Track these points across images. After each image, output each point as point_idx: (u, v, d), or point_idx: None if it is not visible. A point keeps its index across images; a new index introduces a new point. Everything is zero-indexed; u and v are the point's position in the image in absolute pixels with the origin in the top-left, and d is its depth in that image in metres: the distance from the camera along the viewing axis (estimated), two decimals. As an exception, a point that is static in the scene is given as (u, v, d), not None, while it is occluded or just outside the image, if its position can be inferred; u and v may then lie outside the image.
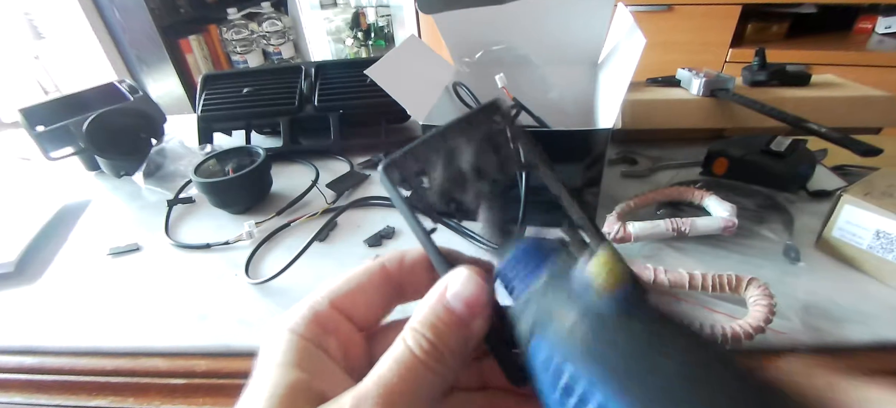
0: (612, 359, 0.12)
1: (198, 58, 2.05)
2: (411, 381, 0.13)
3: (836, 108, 0.56)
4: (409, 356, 0.14)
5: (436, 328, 0.14)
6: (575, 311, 0.13)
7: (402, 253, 0.17)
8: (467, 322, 0.14)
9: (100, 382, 0.37)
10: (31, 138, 0.63)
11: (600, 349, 0.12)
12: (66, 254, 0.51)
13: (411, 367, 0.14)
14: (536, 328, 0.14)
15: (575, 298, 0.13)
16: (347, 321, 0.16)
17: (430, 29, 1.67)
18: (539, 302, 0.14)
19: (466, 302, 0.15)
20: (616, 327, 0.12)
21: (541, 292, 0.14)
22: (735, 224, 0.40)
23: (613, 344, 0.12)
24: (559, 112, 0.55)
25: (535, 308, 0.14)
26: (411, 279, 0.17)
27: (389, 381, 0.13)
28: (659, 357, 0.11)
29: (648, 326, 0.12)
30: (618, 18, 0.52)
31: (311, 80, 0.70)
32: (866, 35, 1.48)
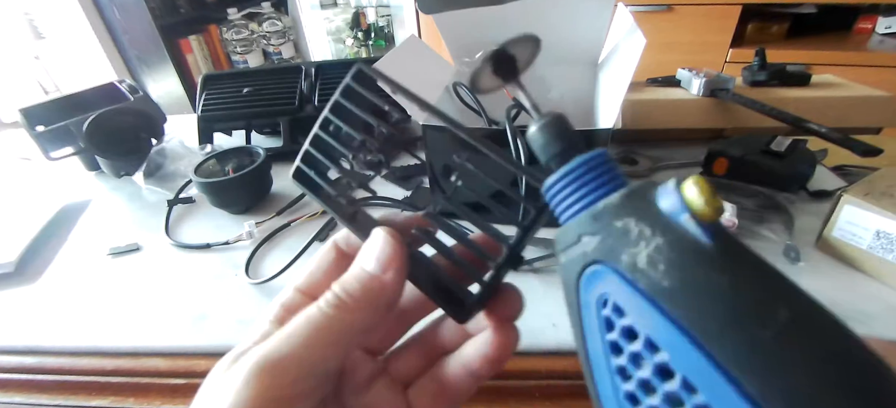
0: (705, 304, 0.10)
1: (198, 58, 2.05)
2: (311, 329, 0.15)
3: (836, 108, 0.56)
4: (314, 310, 0.16)
5: (347, 286, 0.16)
6: (659, 238, 0.10)
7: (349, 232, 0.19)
8: (379, 277, 0.16)
9: (100, 382, 0.37)
10: (32, 138, 0.63)
11: (689, 290, 0.10)
12: (66, 254, 0.51)
13: (312, 318, 0.15)
14: (597, 255, 0.11)
15: (660, 224, 0.11)
16: (311, 300, 0.18)
17: (430, 29, 1.67)
18: (606, 224, 0.11)
19: (378, 259, 0.16)
20: (715, 267, 0.10)
21: (610, 213, 0.12)
22: (735, 224, 0.40)
23: (709, 287, 0.10)
24: (559, 112, 0.55)
25: (600, 232, 0.12)
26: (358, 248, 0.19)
27: (287, 330, 0.15)
28: (771, 313, 0.09)
29: (756, 274, 0.10)
30: (618, 18, 0.52)
31: (311, 80, 0.70)
32: (866, 35, 1.48)
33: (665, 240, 0.10)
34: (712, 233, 0.10)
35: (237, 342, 0.40)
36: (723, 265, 0.10)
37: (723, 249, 0.10)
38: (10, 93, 1.73)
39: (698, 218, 0.10)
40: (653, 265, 0.10)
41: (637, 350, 0.10)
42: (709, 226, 0.10)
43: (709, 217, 0.10)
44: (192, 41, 2.01)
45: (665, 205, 0.11)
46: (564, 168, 0.13)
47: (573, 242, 0.12)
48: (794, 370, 0.09)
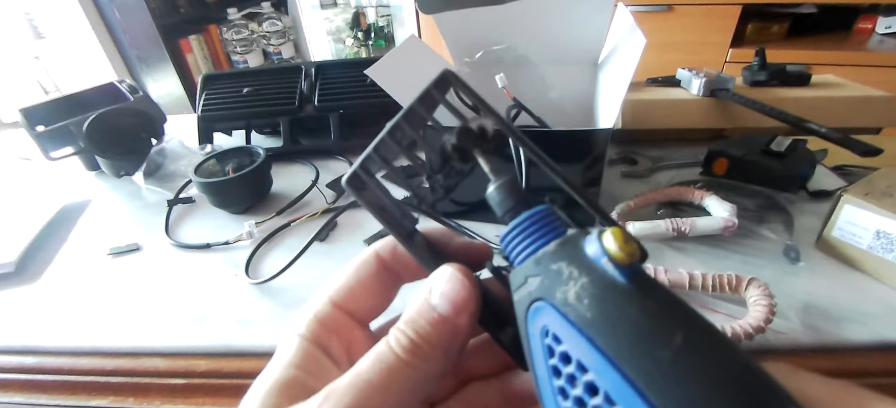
0: (618, 331, 0.12)
1: (198, 58, 2.05)
2: (387, 376, 0.14)
3: (836, 108, 0.56)
4: (387, 353, 0.14)
5: (418, 326, 0.15)
6: (584, 278, 0.13)
7: (395, 242, 0.18)
8: (452, 320, 0.15)
9: (100, 382, 0.37)
10: (32, 138, 0.63)
11: (607, 320, 0.12)
12: (66, 254, 0.51)
13: (389, 363, 0.14)
14: (538, 294, 0.14)
15: (585, 266, 0.13)
16: (349, 318, 0.17)
17: (430, 29, 1.67)
18: (545, 268, 0.14)
19: (451, 302, 0.15)
20: (626, 300, 0.12)
21: (548, 258, 0.14)
22: (735, 224, 0.40)
23: (621, 317, 0.12)
24: (559, 112, 0.55)
25: (540, 274, 0.14)
26: (406, 263, 0.18)
27: (365, 376, 0.14)
28: (669, 337, 0.11)
29: (660, 305, 0.12)
30: (618, 18, 0.52)
31: (311, 80, 0.70)
32: (866, 35, 1.48)
33: (589, 279, 0.13)
34: (627, 273, 0.12)
35: (238, 342, 0.40)
36: (633, 299, 0.12)
37: (635, 286, 0.12)
38: (10, 93, 1.73)
39: (615, 262, 0.12)
40: (579, 300, 0.13)
41: (571, 372, 0.12)
42: (624, 268, 0.12)
43: (623, 261, 0.12)
44: (192, 41, 2.01)
45: (589, 251, 0.13)
46: (514, 222, 0.15)
47: (522, 283, 0.14)
48: (688, 384, 0.11)
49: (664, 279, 0.36)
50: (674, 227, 0.40)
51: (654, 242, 0.43)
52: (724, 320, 0.34)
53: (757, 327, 0.31)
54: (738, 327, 0.31)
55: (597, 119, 0.52)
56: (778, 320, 0.32)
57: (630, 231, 0.13)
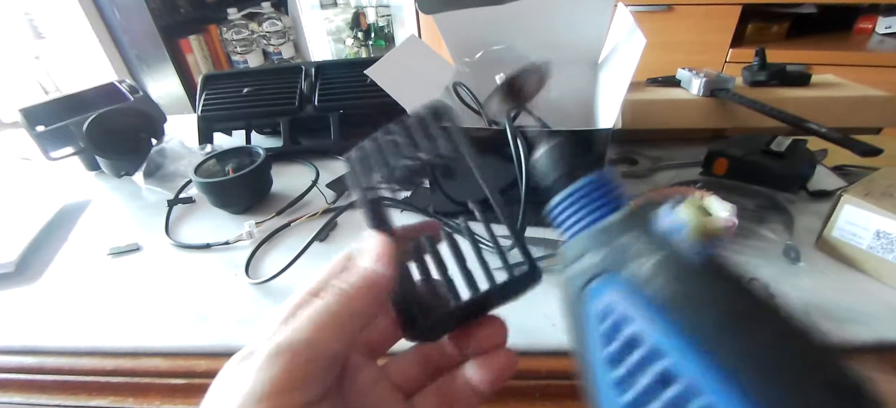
0: (704, 313, 0.10)
1: (198, 58, 2.05)
2: (320, 316, 0.17)
3: (836, 108, 0.56)
4: (318, 302, 0.17)
5: (348, 278, 0.18)
6: (660, 253, 0.11)
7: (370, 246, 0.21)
8: (374, 269, 0.18)
9: (100, 382, 0.37)
10: (32, 138, 0.63)
11: (688, 300, 0.11)
12: (66, 254, 0.51)
13: (321, 307, 0.17)
14: (601, 268, 0.12)
15: (659, 241, 0.12)
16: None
17: (430, 29, 1.67)
18: (608, 241, 0.12)
19: (369, 254, 0.19)
20: (712, 279, 0.11)
21: (614, 230, 0.13)
22: (735, 224, 0.40)
23: (707, 297, 0.11)
24: (559, 112, 0.55)
25: (603, 248, 0.12)
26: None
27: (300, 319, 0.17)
28: (764, 321, 0.10)
29: (747, 286, 0.11)
30: (618, 18, 0.52)
31: (311, 80, 0.70)
32: (866, 35, 1.48)
33: (666, 254, 0.11)
34: (708, 249, 0.11)
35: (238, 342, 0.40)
36: (718, 276, 0.11)
37: (717, 262, 0.11)
38: (10, 93, 1.73)
39: (697, 236, 0.11)
40: (655, 277, 0.11)
41: (640, 359, 0.11)
42: (704, 248, 0.11)
43: (708, 238, 0.11)
44: (192, 41, 2.00)
45: (665, 224, 0.12)
46: (569, 189, 0.14)
47: (577, 256, 0.13)
48: (788, 372, 0.09)
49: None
50: (674, 227, 0.40)
51: (654, 242, 0.43)
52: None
53: (757, 327, 0.31)
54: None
55: (597, 119, 0.52)
56: (778, 320, 0.32)
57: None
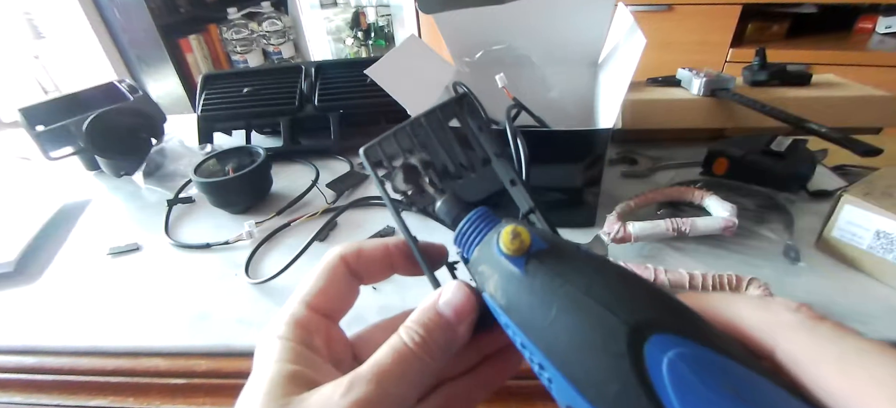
0: (520, 309, 0.16)
1: (198, 57, 2.05)
2: (402, 365, 0.16)
3: (837, 108, 0.56)
4: (402, 346, 0.16)
5: (427, 327, 0.17)
6: (495, 274, 0.16)
7: (359, 246, 0.20)
8: (454, 326, 0.17)
9: (100, 382, 0.37)
10: (31, 138, 0.63)
11: (511, 303, 0.16)
12: (66, 254, 0.51)
13: (403, 354, 0.16)
14: (481, 286, 0.17)
15: (495, 263, 0.16)
16: (323, 317, 0.19)
17: (430, 29, 1.67)
18: (475, 269, 0.17)
19: (455, 309, 0.17)
20: (520, 286, 0.16)
21: (477, 261, 0.17)
22: (735, 224, 0.40)
23: (519, 299, 0.16)
24: (559, 112, 0.55)
25: (477, 271, 0.17)
26: (369, 269, 0.20)
27: (383, 364, 0.16)
28: (548, 309, 0.15)
29: (543, 284, 0.15)
30: (618, 18, 0.52)
31: (311, 79, 0.70)
32: (866, 35, 1.48)
33: (498, 274, 0.16)
34: (520, 262, 0.16)
35: (238, 342, 0.40)
36: (523, 284, 0.15)
37: (527, 272, 0.16)
38: (10, 93, 1.73)
39: (508, 256, 0.16)
40: (496, 291, 0.16)
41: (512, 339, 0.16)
42: (516, 259, 0.16)
43: (514, 254, 0.16)
44: (192, 41, 2.01)
45: (494, 251, 0.16)
46: (456, 228, 0.19)
47: (473, 276, 0.18)
48: (559, 341, 0.14)
49: (664, 279, 0.36)
50: (674, 227, 0.40)
51: (654, 242, 0.43)
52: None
53: (757, 327, 0.31)
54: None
55: (597, 119, 0.52)
56: (778, 320, 0.32)
57: (521, 226, 0.16)
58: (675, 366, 0.13)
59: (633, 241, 0.40)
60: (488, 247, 0.17)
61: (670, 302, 0.14)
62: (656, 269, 0.36)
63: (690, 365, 0.13)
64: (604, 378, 0.13)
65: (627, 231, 0.40)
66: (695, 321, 0.14)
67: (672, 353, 0.13)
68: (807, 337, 0.13)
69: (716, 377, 0.12)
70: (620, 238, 0.40)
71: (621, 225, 0.40)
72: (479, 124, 0.20)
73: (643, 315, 0.14)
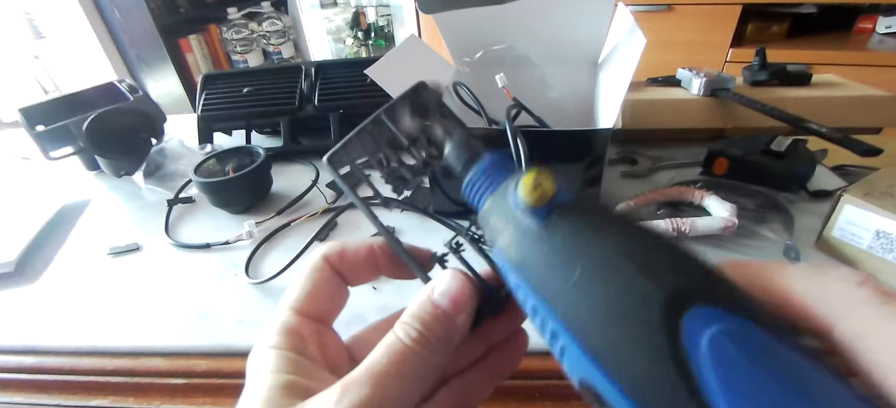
0: (537, 268, 0.14)
1: (198, 57, 2.05)
2: (400, 364, 0.15)
3: (837, 107, 0.56)
4: (398, 344, 0.15)
5: (424, 320, 0.16)
6: (509, 228, 0.15)
7: (342, 246, 0.19)
8: (453, 316, 0.16)
9: (100, 382, 0.37)
10: (31, 138, 0.63)
11: (526, 261, 0.14)
12: (66, 254, 0.51)
13: (400, 352, 0.15)
14: (491, 241, 0.16)
15: (509, 216, 0.15)
16: (314, 322, 0.18)
17: (430, 29, 1.67)
18: (490, 218, 0.16)
19: (452, 298, 0.16)
20: (538, 242, 0.14)
21: (488, 214, 0.16)
22: (735, 224, 0.40)
23: (536, 257, 0.14)
24: (559, 112, 0.55)
25: (488, 224, 0.16)
26: (353, 270, 0.19)
27: (379, 364, 0.15)
28: (571, 270, 0.13)
29: (566, 241, 0.14)
30: (618, 18, 0.52)
31: (311, 79, 0.70)
32: (867, 35, 1.48)
33: (513, 228, 0.15)
34: (541, 214, 0.14)
35: (238, 342, 0.40)
36: (543, 240, 0.14)
37: (547, 227, 0.14)
38: (10, 93, 1.73)
39: (529, 207, 0.14)
40: (509, 246, 0.15)
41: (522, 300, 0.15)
42: (537, 210, 0.14)
43: (535, 204, 0.14)
44: (192, 41, 2.01)
45: (510, 202, 0.15)
46: (466, 178, 0.17)
47: (484, 227, 0.17)
48: (579, 306, 0.13)
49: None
50: (674, 227, 0.40)
51: (654, 242, 0.43)
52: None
53: (757, 327, 0.31)
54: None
55: (597, 119, 0.52)
56: (778, 320, 0.32)
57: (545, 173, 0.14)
58: (719, 343, 0.11)
59: (633, 241, 0.40)
60: (503, 197, 0.15)
61: (715, 272, 0.12)
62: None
63: (737, 343, 0.11)
64: (630, 350, 0.12)
65: (627, 231, 0.40)
66: (742, 295, 0.12)
67: (716, 328, 0.11)
68: (875, 317, 0.11)
69: (766, 359, 0.10)
70: (620, 238, 0.40)
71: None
72: (439, 111, 0.19)
73: (684, 283, 0.12)
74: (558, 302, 0.13)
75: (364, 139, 0.19)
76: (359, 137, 0.19)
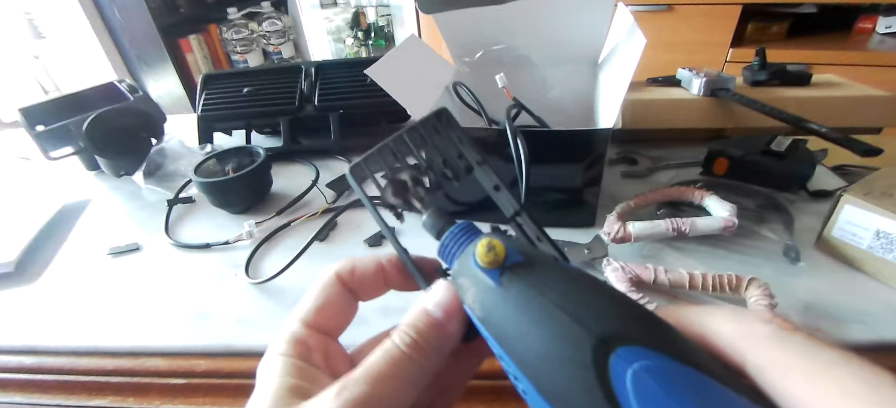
0: (496, 321, 0.16)
1: (198, 57, 2.05)
2: (394, 367, 0.16)
3: (837, 107, 0.56)
4: (394, 348, 0.16)
5: (418, 328, 0.17)
6: (473, 286, 0.17)
7: (353, 263, 0.20)
8: (444, 325, 0.17)
9: (100, 382, 0.37)
10: (31, 138, 0.63)
11: (487, 316, 0.16)
12: (66, 254, 0.51)
13: (395, 356, 0.16)
14: (462, 298, 0.17)
15: (472, 276, 0.17)
16: (322, 334, 0.19)
17: (430, 29, 1.67)
18: (458, 278, 0.18)
19: (443, 308, 0.17)
20: (496, 298, 0.16)
21: (458, 271, 0.18)
22: (735, 224, 0.40)
23: (495, 312, 0.16)
24: (559, 112, 0.55)
25: (458, 282, 0.18)
26: (363, 286, 0.20)
27: (375, 366, 0.16)
28: (522, 315, 0.15)
29: (519, 295, 0.15)
30: (618, 18, 0.52)
31: (311, 79, 0.70)
32: (867, 35, 1.48)
33: (475, 287, 0.16)
34: (495, 275, 0.16)
35: (238, 342, 0.40)
36: (499, 297, 0.16)
37: (502, 285, 0.16)
38: (10, 93, 1.73)
39: (484, 269, 0.16)
40: (474, 303, 0.16)
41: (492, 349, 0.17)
42: (491, 271, 0.16)
43: (489, 266, 0.16)
44: (192, 41, 2.01)
45: (472, 264, 0.17)
46: (440, 241, 0.19)
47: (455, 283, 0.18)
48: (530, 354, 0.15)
49: (664, 279, 0.36)
50: (674, 227, 0.40)
51: (654, 242, 0.43)
52: (724, 320, 0.34)
53: (757, 327, 0.31)
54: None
55: (597, 119, 0.52)
56: (778, 320, 0.32)
57: (496, 240, 0.16)
58: (640, 378, 0.13)
59: (633, 241, 0.40)
60: (467, 259, 0.17)
61: (641, 314, 0.14)
62: (656, 269, 0.36)
63: (655, 377, 0.12)
64: (570, 390, 0.13)
65: (627, 231, 0.40)
66: (665, 333, 0.14)
67: (637, 365, 0.13)
68: (777, 348, 0.13)
69: (681, 389, 0.12)
70: (620, 238, 0.40)
71: (621, 225, 0.40)
72: (458, 136, 0.21)
73: (611, 327, 0.14)
74: (514, 350, 0.15)
75: (385, 154, 0.20)
76: (380, 152, 0.20)
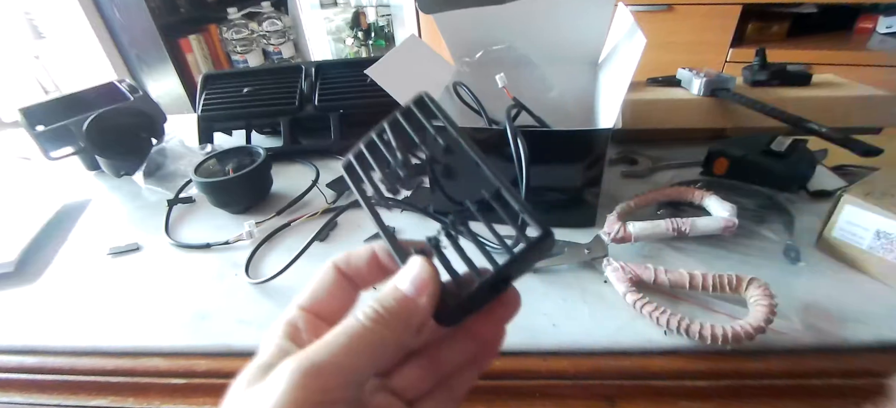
0: None
1: (198, 57, 2.05)
2: (351, 337, 0.16)
3: (837, 108, 0.56)
4: (354, 321, 0.17)
5: (382, 301, 0.17)
6: None
7: (347, 254, 0.21)
8: (412, 298, 0.17)
9: (100, 382, 0.37)
10: (31, 138, 0.63)
11: None
12: (66, 254, 0.51)
13: (354, 327, 0.16)
14: None
15: None
16: (315, 318, 0.19)
17: (430, 29, 1.67)
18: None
19: (414, 282, 0.18)
20: None
21: None
22: (735, 224, 0.40)
23: None
24: (559, 112, 0.55)
25: None
26: (359, 272, 0.21)
27: (333, 337, 0.16)
28: None
29: None
30: (618, 18, 0.52)
31: (311, 79, 0.70)
32: (867, 35, 1.48)
33: None
34: None
35: (238, 342, 0.40)
36: None
37: None
38: (10, 93, 1.73)
39: None
40: None
41: None
42: None
43: None
44: (192, 41, 2.00)
45: None
46: None
47: None
48: None
49: (664, 279, 0.36)
50: (674, 227, 0.40)
51: (654, 242, 0.43)
52: (724, 320, 0.34)
53: (757, 327, 0.31)
54: (738, 327, 0.31)
55: (597, 119, 0.52)
56: (778, 321, 0.32)
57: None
58: None
59: (633, 241, 0.40)
60: None
61: None
62: (656, 269, 0.36)
63: None
64: None
65: (627, 231, 0.40)
66: None
67: None
68: None
69: None
70: (620, 238, 0.40)
71: (621, 225, 0.40)
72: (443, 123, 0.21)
73: None
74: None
75: (372, 148, 0.21)
76: (367, 147, 0.21)
